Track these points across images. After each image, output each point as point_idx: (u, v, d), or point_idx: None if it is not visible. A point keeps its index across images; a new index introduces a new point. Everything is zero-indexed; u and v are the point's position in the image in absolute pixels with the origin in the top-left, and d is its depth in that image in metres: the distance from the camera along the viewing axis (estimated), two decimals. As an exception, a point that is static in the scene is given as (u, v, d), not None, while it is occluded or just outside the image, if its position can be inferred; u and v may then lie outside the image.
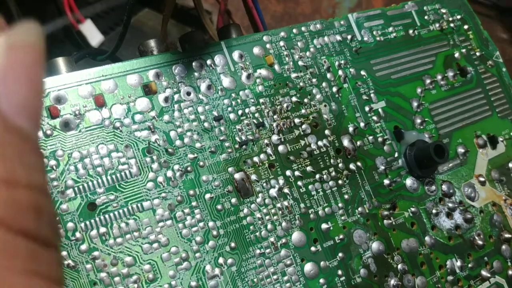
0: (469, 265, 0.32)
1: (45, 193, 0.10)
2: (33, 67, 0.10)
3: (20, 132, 0.10)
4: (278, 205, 0.28)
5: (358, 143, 0.31)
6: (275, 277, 0.27)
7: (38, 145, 0.10)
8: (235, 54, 0.29)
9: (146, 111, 0.26)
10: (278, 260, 0.27)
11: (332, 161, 0.30)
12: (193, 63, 0.28)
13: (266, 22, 0.33)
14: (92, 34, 0.49)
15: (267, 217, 0.28)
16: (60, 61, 0.26)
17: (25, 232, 0.09)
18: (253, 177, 0.28)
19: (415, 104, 0.34)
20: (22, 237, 0.09)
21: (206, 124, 0.27)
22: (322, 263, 0.28)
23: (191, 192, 0.26)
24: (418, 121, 0.33)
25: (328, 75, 0.32)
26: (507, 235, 0.33)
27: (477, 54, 0.37)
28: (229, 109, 0.28)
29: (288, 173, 0.29)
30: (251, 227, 0.27)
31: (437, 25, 0.36)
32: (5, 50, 0.10)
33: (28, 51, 0.10)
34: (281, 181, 0.28)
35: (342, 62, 0.32)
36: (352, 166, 0.30)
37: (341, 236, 0.29)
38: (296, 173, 0.29)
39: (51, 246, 0.10)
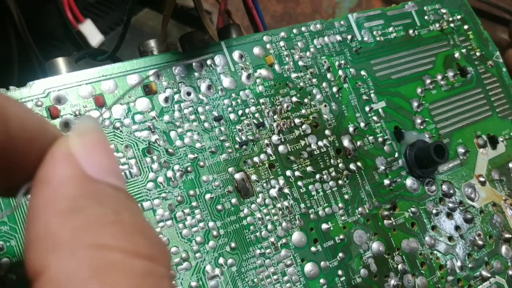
0: (469, 265, 0.32)
1: (147, 225, 0.13)
2: (103, 141, 0.13)
3: (114, 186, 0.13)
4: (278, 205, 0.28)
5: (358, 143, 0.31)
6: (275, 277, 0.27)
7: (129, 193, 0.13)
8: (235, 54, 0.29)
9: (146, 111, 0.26)
10: (278, 260, 0.27)
11: (332, 161, 0.30)
12: (193, 63, 0.28)
13: (266, 22, 0.33)
14: (92, 34, 0.49)
15: (267, 217, 0.28)
16: (60, 61, 0.26)
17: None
18: (253, 177, 0.28)
19: (415, 104, 0.34)
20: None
21: (206, 124, 0.27)
22: (322, 263, 0.28)
23: (191, 192, 0.26)
24: (418, 121, 0.33)
25: (328, 75, 0.32)
26: (507, 235, 0.33)
27: (477, 54, 0.37)
28: (229, 109, 0.28)
29: (288, 173, 0.29)
30: (251, 227, 0.27)
31: (437, 25, 0.36)
32: (79, 137, 0.13)
33: (94, 133, 0.13)
34: (281, 181, 0.28)
35: (342, 62, 0.32)
36: (352, 166, 0.30)
37: (341, 236, 0.29)
38: (296, 173, 0.29)
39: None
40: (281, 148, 0.29)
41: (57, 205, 0.12)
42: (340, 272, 0.28)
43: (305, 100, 0.30)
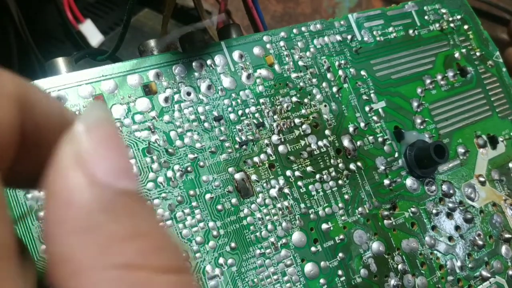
0: (469, 265, 0.32)
1: (166, 235, 0.12)
2: (113, 136, 0.11)
3: (127, 191, 0.11)
4: (278, 205, 0.28)
5: (358, 143, 0.31)
6: (275, 277, 0.27)
7: (143, 196, 0.12)
8: (235, 54, 0.29)
9: (146, 111, 0.26)
10: (278, 260, 0.27)
11: (332, 161, 0.30)
12: (193, 63, 0.28)
13: (266, 22, 0.33)
14: (92, 34, 0.49)
15: (267, 217, 0.28)
16: (60, 61, 0.26)
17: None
18: (253, 177, 0.28)
19: (415, 104, 0.34)
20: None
21: (206, 124, 0.27)
22: (322, 263, 0.28)
23: (191, 192, 0.26)
24: (418, 121, 0.33)
25: (328, 75, 0.32)
26: (507, 235, 0.33)
27: (477, 54, 0.37)
28: (229, 109, 0.28)
29: (288, 173, 0.29)
30: (251, 227, 0.27)
31: (437, 25, 0.36)
32: (87, 133, 0.11)
33: (104, 125, 0.11)
34: (281, 181, 0.28)
35: (342, 62, 0.32)
36: (352, 166, 0.30)
37: (341, 236, 0.29)
38: (296, 173, 0.29)
39: None
40: (281, 148, 0.29)
41: (71, 222, 0.11)
42: (340, 272, 0.28)
43: (305, 100, 0.30)
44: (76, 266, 0.10)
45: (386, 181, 0.31)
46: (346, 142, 0.31)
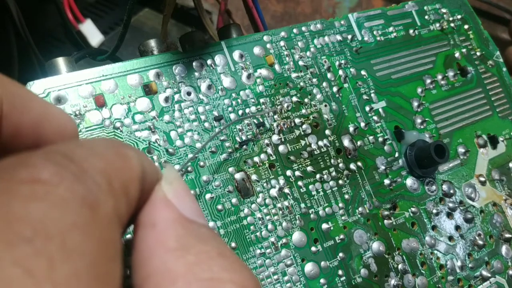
0: (470, 265, 0.32)
1: (236, 257, 0.15)
2: (187, 188, 0.16)
3: (205, 226, 0.15)
4: (279, 205, 0.28)
5: (359, 143, 0.31)
6: (275, 277, 0.27)
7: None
8: (236, 54, 0.29)
9: (146, 111, 0.26)
10: (279, 260, 0.27)
11: (332, 161, 0.30)
12: (193, 63, 0.28)
13: (266, 22, 0.33)
14: (92, 34, 0.49)
15: (268, 217, 0.28)
16: (60, 61, 0.26)
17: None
18: (254, 177, 0.28)
19: (415, 104, 0.34)
20: None
21: (206, 124, 0.27)
22: (322, 263, 0.28)
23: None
24: (419, 121, 0.33)
25: (329, 75, 0.32)
26: (507, 235, 0.33)
27: (478, 54, 0.37)
28: (230, 109, 0.28)
29: (288, 173, 0.29)
30: (252, 227, 0.27)
31: (437, 25, 0.36)
32: (170, 186, 0.15)
33: (180, 181, 0.16)
34: (281, 181, 0.28)
35: (343, 62, 0.32)
36: (352, 166, 0.30)
37: (341, 236, 0.29)
38: (297, 173, 0.29)
39: None
40: (281, 148, 0.29)
41: (168, 244, 0.13)
42: (340, 272, 0.28)
43: (305, 100, 0.30)
44: (175, 276, 0.13)
45: (387, 181, 0.31)
46: (346, 142, 0.31)
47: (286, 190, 0.28)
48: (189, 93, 0.28)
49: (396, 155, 0.32)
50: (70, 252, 0.10)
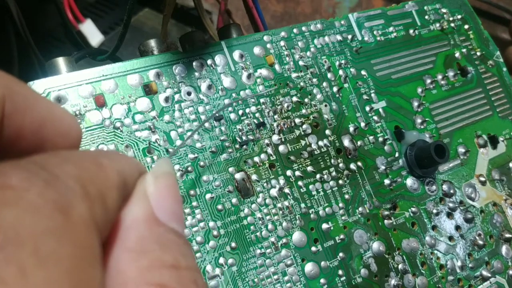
0: (470, 265, 0.32)
1: (198, 271, 0.14)
2: (174, 186, 0.15)
3: (175, 232, 0.14)
4: (279, 205, 0.28)
5: (359, 143, 0.31)
6: (275, 277, 0.27)
7: (186, 238, 0.15)
8: (236, 54, 0.29)
9: (146, 111, 0.26)
10: (279, 260, 0.27)
11: (332, 161, 0.30)
12: (194, 63, 0.28)
13: (266, 22, 0.33)
14: (92, 34, 0.49)
15: (268, 217, 0.28)
16: (60, 61, 0.26)
17: None
18: (254, 177, 0.28)
19: (415, 104, 0.34)
20: None
21: (206, 124, 0.27)
22: (322, 263, 0.28)
23: (192, 192, 0.26)
24: (419, 121, 0.33)
25: (329, 75, 0.32)
26: (507, 235, 0.33)
27: (478, 54, 0.37)
28: (230, 109, 0.28)
29: (288, 173, 0.29)
30: (252, 227, 0.27)
31: (437, 25, 0.36)
32: (154, 180, 0.14)
33: (168, 177, 0.15)
34: (281, 181, 0.28)
35: (343, 62, 0.32)
36: (352, 166, 0.30)
37: (341, 236, 0.29)
38: (297, 173, 0.29)
39: None
40: (281, 148, 0.29)
41: (127, 244, 0.13)
42: (340, 272, 0.28)
43: (306, 100, 0.30)
44: (126, 278, 0.12)
45: (387, 181, 0.31)
46: (346, 142, 0.31)
47: (286, 190, 0.28)
48: (189, 93, 0.28)
49: (396, 155, 0.32)
50: (43, 259, 0.10)
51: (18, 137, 0.13)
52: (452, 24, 0.37)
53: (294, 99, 0.30)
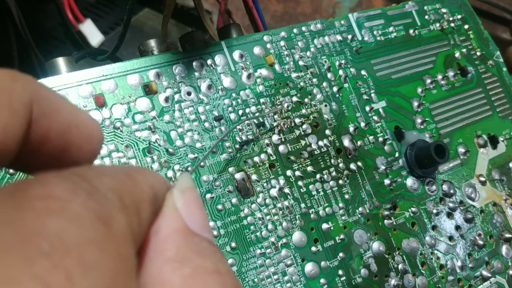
0: (470, 265, 0.32)
1: (236, 276, 0.15)
2: (199, 199, 0.15)
3: (209, 240, 0.15)
4: (279, 205, 0.28)
5: (359, 143, 0.31)
6: (275, 277, 0.27)
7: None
8: (236, 54, 0.29)
9: (146, 111, 0.26)
10: (279, 260, 0.27)
11: (332, 161, 0.30)
12: (194, 63, 0.28)
13: (266, 22, 0.33)
14: (92, 34, 0.49)
15: (268, 217, 0.28)
16: (60, 61, 0.26)
17: None
18: (254, 177, 0.28)
19: (415, 104, 0.34)
20: None
21: (206, 124, 0.27)
22: (322, 263, 0.28)
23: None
24: (419, 121, 0.33)
25: (329, 75, 0.32)
26: (507, 235, 0.33)
27: (478, 54, 0.37)
28: (230, 109, 0.28)
29: (288, 173, 0.29)
30: (252, 227, 0.27)
31: (437, 24, 0.36)
32: (181, 194, 0.15)
33: (193, 191, 0.15)
34: (281, 181, 0.28)
35: (343, 62, 0.32)
36: (352, 166, 0.30)
37: (341, 236, 0.29)
38: (297, 173, 0.29)
39: None
40: (281, 148, 0.29)
41: (167, 254, 0.13)
42: (340, 272, 0.28)
43: (306, 100, 0.30)
44: (170, 285, 0.13)
45: (387, 181, 0.31)
46: (346, 142, 0.31)
47: (286, 190, 0.28)
48: (189, 93, 0.28)
49: (396, 155, 0.32)
50: (88, 267, 0.10)
51: (44, 141, 0.13)
52: (452, 24, 0.37)
53: (294, 99, 0.30)
